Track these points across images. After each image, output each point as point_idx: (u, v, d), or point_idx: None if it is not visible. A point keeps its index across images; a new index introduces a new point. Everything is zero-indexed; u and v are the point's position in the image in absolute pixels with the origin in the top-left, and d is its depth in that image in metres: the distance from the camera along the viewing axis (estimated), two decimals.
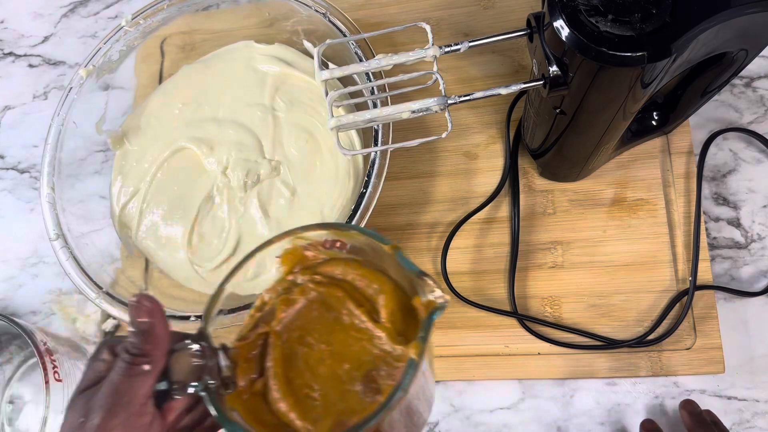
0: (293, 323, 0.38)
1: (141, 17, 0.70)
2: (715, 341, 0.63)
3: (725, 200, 0.68)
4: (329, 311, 0.38)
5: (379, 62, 0.55)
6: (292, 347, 0.38)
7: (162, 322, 0.36)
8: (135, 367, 0.34)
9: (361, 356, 0.36)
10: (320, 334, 0.38)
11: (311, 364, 0.37)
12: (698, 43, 0.44)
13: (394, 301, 0.37)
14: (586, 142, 0.58)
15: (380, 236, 0.37)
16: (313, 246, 0.40)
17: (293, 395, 0.36)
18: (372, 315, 0.37)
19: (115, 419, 0.33)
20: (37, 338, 0.65)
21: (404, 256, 0.36)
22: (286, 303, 0.39)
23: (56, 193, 0.66)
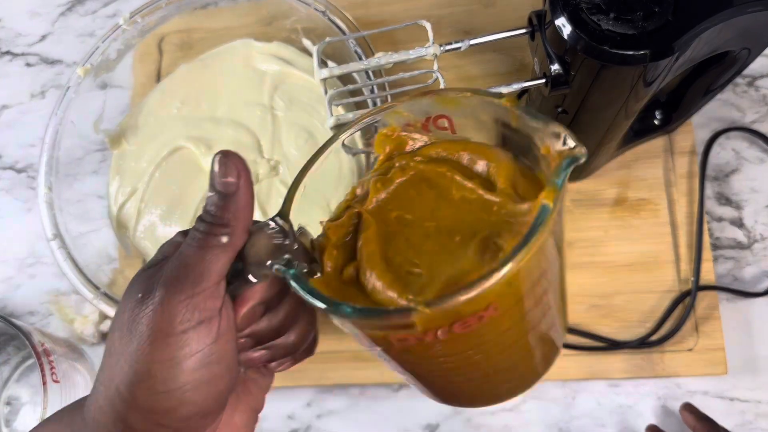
0: (390, 203, 0.33)
1: (139, 16, 0.70)
2: (717, 342, 0.63)
3: (728, 200, 0.68)
4: (433, 188, 0.32)
5: (379, 61, 0.55)
6: (390, 226, 0.32)
7: (248, 187, 0.29)
8: (211, 237, 0.28)
9: (475, 227, 0.30)
10: (423, 212, 0.32)
11: (413, 242, 0.31)
12: (700, 41, 0.43)
13: (513, 168, 0.31)
14: (588, 141, 0.57)
15: (494, 92, 0.31)
16: (412, 126, 0.34)
17: (391, 273, 0.30)
18: (485, 186, 0.31)
19: (180, 295, 0.27)
20: (34, 339, 0.65)
21: (528, 107, 0.30)
22: (381, 182, 0.33)
23: (54, 192, 0.66)
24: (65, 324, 0.74)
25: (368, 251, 0.31)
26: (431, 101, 0.33)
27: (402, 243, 0.31)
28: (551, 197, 0.26)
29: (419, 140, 0.35)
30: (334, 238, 0.32)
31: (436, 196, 0.32)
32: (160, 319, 0.27)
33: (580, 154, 0.28)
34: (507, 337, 0.30)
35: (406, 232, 0.31)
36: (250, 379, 0.34)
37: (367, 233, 0.32)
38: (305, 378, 0.68)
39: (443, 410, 0.67)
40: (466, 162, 0.33)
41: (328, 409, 0.68)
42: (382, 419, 0.67)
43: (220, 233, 0.28)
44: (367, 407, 0.68)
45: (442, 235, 0.31)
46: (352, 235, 0.33)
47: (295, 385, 0.68)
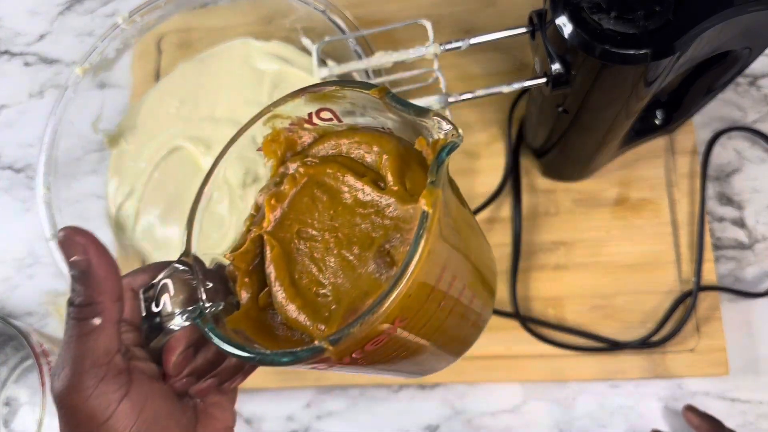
0: (288, 217, 0.32)
1: (137, 15, 0.69)
2: (719, 342, 0.62)
3: (729, 200, 0.67)
4: (326, 193, 0.31)
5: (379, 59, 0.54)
6: (291, 244, 0.31)
7: (101, 258, 0.28)
8: (83, 323, 0.28)
9: (371, 233, 0.30)
10: (321, 222, 0.31)
11: (317, 258, 0.30)
12: (702, 41, 0.43)
13: (401, 159, 0.30)
14: (589, 140, 0.57)
15: (364, 83, 0.30)
16: (297, 125, 0.33)
17: (300, 297, 0.30)
18: (378, 184, 0.31)
19: (84, 390, 0.28)
20: (33, 340, 0.64)
21: (396, 96, 0.29)
22: (275, 197, 0.32)
23: (52, 192, 0.66)
24: (64, 324, 0.74)
25: (275, 276, 0.31)
26: (306, 99, 0.32)
27: (307, 261, 0.31)
28: (429, 201, 0.25)
29: (307, 136, 0.34)
30: (242, 265, 0.32)
31: (331, 201, 0.31)
32: (81, 418, 0.28)
33: (454, 139, 0.27)
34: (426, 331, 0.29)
35: (309, 248, 0.31)
36: (210, 404, 0.34)
37: (270, 257, 0.31)
38: (304, 379, 0.68)
39: (443, 411, 0.66)
40: (355, 155, 0.32)
41: (328, 410, 0.68)
42: (381, 420, 0.67)
43: (90, 316, 0.28)
44: (366, 408, 0.68)
45: (343, 246, 0.30)
46: (260, 258, 0.32)
47: (295, 386, 0.68)
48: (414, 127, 0.30)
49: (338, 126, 0.33)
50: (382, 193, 0.30)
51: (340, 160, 0.32)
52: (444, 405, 0.66)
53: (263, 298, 0.31)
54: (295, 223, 0.32)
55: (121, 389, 0.29)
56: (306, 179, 0.32)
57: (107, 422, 0.28)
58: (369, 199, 0.30)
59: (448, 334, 0.32)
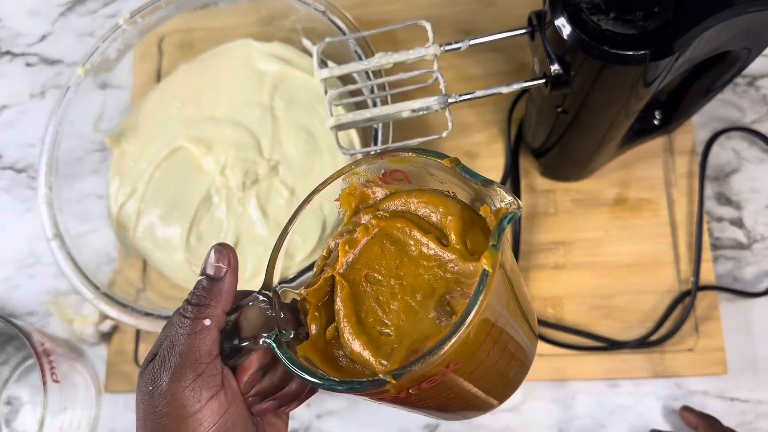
0: (358, 262, 0.36)
1: (139, 16, 0.69)
2: (717, 342, 0.63)
3: (728, 200, 0.68)
4: (394, 244, 0.36)
5: (379, 60, 0.55)
6: (361, 287, 0.36)
7: (233, 275, 0.34)
8: (196, 321, 0.32)
9: (433, 284, 0.34)
10: (388, 269, 0.36)
11: (382, 301, 0.35)
12: (701, 41, 0.43)
13: (463, 221, 0.35)
14: (588, 141, 0.57)
15: (436, 152, 0.34)
16: (372, 182, 0.38)
17: (365, 334, 0.34)
18: (441, 241, 0.35)
19: (185, 381, 0.31)
20: (34, 339, 0.65)
21: (466, 167, 0.33)
22: (349, 243, 0.37)
23: (53, 192, 0.66)
24: (65, 324, 0.74)
25: (344, 314, 0.35)
26: (384, 162, 0.36)
27: (372, 302, 0.35)
28: (489, 262, 0.29)
29: (379, 192, 0.38)
30: (314, 301, 0.36)
31: (398, 252, 0.36)
32: (174, 407, 0.31)
33: (515, 210, 0.31)
34: (475, 376, 0.33)
35: (375, 291, 0.35)
36: (267, 423, 0.37)
37: (340, 297, 0.35)
38: None
39: None
40: (422, 213, 0.36)
41: (328, 410, 0.68)
42: (381, 419, 0.67)
43: (203, 316, 0.33)
44: (366, 407, 0.68)
45: (406, 293, 0.34)
46: (330, 295, 0.36)
47: None
48: (477, 194, 0.34)
49: (407, 186, 0.38)
50: (445, 249, 0.34)
51: (408, 216, 0.36)
52: None
53: (330, 331, 0.35)
54: (364, 267, 0.36)
55: (214, 388, 0.32)
56: (377, 230, 0.36)
57: (195, 415, 0.31)
58: (432, 253, 0.35)
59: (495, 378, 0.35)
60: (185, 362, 0.32)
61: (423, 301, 0.34)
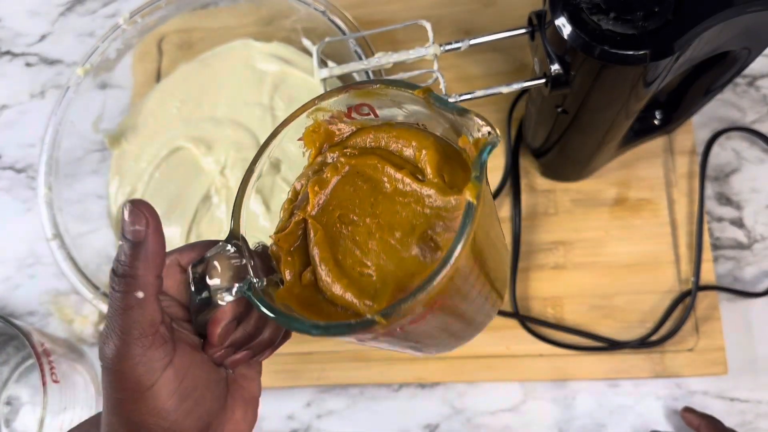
0: (330, 203, 0.35)
1: (138, 15, 0.69)
2: (718, 342, 0.63)
3: (728, 200, 0.68)
4: (367, 182, 0.34)
5: (379, 60, 0.55)
6: (335, 228, 0.34)
7: (157, 234, 0.30)
8: (128, 296, 0.29)
9: (412, 220, 0.33)
10: (362, 209, 0.34)
11: (359, 242, 0.33)
12: (701, 41, 0.43)
13: (438, 154, 0.33)
14: (588, 141, 0.57)
15: (407, 83, 0.32)
16: (336, 118, 0.36)
17: (346, 276, 0.32)
18: (416, 176, 0.33)
19: (131, 359, 0.30)
20: (34, 339, 0.65)
21: (439, 96, 0.31)
22: (318, 184, 0.35)
23: (53, 192, 0.66)
24: (65, 324, 0.74)
25: (320, 257, 0.33)
26: (350, 95, 0.34)
27: (349, 243, 0.34)
28: (474, 194, 0.28)
29: (346, 129, 0.37)
30: (286, 246, 0.35)
31: (372, 190, 0.34)
32: (128, 384, 0.30)
33: (493, 139, 0.29)
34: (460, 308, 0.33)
35: (351, 231, 0.34)
36: (239, 375, 0.36)
37: (315, 240, 0.34)
38: (305, 378, 0.68)
39: (442, 410, 0.66)
40: (393, 148, 0.35)
41: (328, 409, 0.68)
42: (381, 419, 0.67)
43: (134, 289, 0.30)
44: (366, 407, 0.68)
45: (384, 231, 0.33)
46: (302, 239, 0.35)
47: (295, 385, 0.68)
48: (453, 125, 0.32)
49: (374, 121, 0.36)
50: (422, 184, 0.33)
51: (379, 152, 0.35)
52: (444, 404, 0.67)
53: (306, 276, 0.34)
54: (337, 208, 0.34)
55: (166, 357, 0.31)
56: (348, 168, 0.35)
57: (152, 388, 0.30)
58: (408, 189, 0.33)
59: (477, 308, 0.35)
60: (128, 339, 0.30)
61: (403, 238, 0.32)
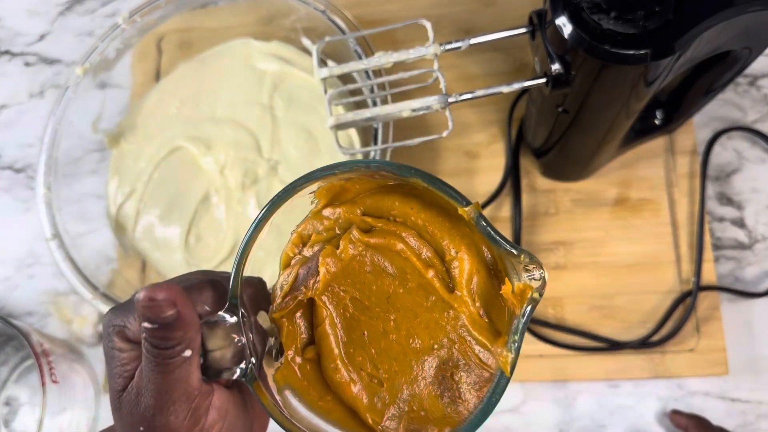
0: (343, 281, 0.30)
1: (138, 15, 0.69)
2: (718, 342, 0.62)
3: (729, 200, 0.67)
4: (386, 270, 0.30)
5: (379, 60, 0.54)
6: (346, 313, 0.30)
7: (187, 305, 0.28)
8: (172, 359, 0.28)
9: (433, 334, 0.29)
10: (378, 298, 0.30)
11: (372, 337, 0.29)
12: (702, 41, 0.43)
13: (473, 268, 0.28)
14: (589, 141, 0.57)
15: (455, 194, 0.28)
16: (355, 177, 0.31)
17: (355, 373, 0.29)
18: (444, 281, 0.29)
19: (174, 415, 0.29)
20: (33, 340, 0.64)
21: (489, 223, 0.27)
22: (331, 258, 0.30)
23: (52, 192, 0.65)
24: (64, 324, 0.74)
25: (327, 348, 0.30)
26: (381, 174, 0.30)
27: (360, 337, 0.30)
28: (508, 365, 0.25)
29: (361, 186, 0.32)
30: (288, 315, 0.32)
31: (393, 280, 0.30)
32: None
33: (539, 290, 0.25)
34: None
35: (363, 322, 0.30)
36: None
37: (323, 326, 0.30)
38: None
39: None
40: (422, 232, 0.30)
41: None
42: None
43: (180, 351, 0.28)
44: None
45: (401, 335, 0.29)
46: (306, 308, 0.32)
47: None
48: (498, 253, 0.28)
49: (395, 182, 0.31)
50: (451, 298, 0.29)
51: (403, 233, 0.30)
52: None
53: (309, 353, 0.31)
54: (350, 290, 0.30)
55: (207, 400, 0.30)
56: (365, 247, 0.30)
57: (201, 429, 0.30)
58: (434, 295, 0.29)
59: None
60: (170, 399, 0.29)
61: (421, 353, 0.29)
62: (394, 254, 0.30)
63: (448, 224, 0.30)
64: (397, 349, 0.29)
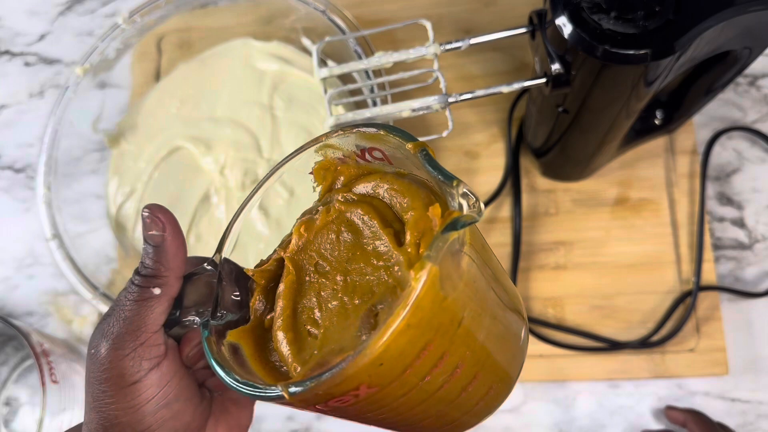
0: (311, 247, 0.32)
1: (138, 15, 0.69)
2: (718, 342, 0.62)
3: (729, 200, 0.67)
4: (352, 233, 0.31)
5: (379, 60, 0.54)
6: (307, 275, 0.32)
7: (175, 237, 0.31)
8: (144, 290, 0.30)
9: (374, 287, 0.29)
10: (338, 261, 0.31)
11: (322, 297, 0.31)
12: (702, 41, 0.43)
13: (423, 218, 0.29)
14: (589, 140, 0.57)
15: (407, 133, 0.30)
16: (348, 158, 0.33)
17: (294, 330, 0.30)
18: (399, 237, 0.29)
19: (124, 350, 0.30)
20: (33, 340, 0.64)
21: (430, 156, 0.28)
22: (305, 225, 0.33)
23: (52, 192, 0.65)
24: (64, 324, 0.74)
25: (281, 304, 0.32)
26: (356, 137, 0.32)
27: (312, 296, 0.31)
28: (418, 275, 0.24)
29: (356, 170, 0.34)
30: (262, 282, 0.33)
31: (353, 243, 0.31)
32: (112, 374, 0.30)
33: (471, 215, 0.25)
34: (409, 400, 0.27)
35: (319, 284, 0.32)
36: (227, 399, 0.36)
37: (284, 283, 0.32)
38: None
39: None
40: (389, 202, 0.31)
41: None
42: None
43: (153, 285, 0.30)
44: None
45: (347, 292, 0.30)
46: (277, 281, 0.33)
47: None
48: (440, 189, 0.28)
49: (388, 167, 0.33)
50: (398, 250, 0.29)
51: (375, 203, 0.32)
52: None
53: (268, 320, 0.32)
54: (316, 255, 0.32)
55: (154, 359, 0.31)
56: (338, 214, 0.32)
57: (134, 385, 0.30)
58: (385, 251, 0.30)
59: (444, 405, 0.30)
60: (127, 330, 0.30)
61: (359, 305, 0.29)
62: (360, 219, 0.31)
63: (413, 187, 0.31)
64: (341, 306, 0.30)
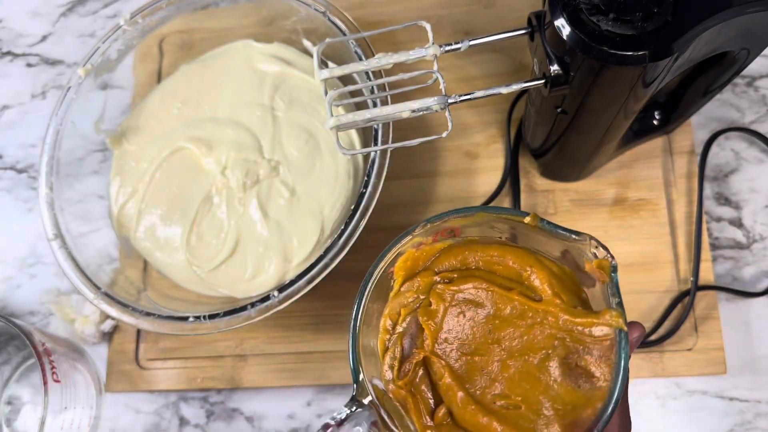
0: (445, 334, 0.33)
1: (139, 16, 0.70)
2: (716, 342, 0.63)
3: (727, 200, 0.68)
4: (478, 307, 0.33)
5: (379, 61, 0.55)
6: (459, 361, 0.32)
7: None
8: None
9: (542, 344, 0.31)
10: (483, 336, 0.32)
11: (491, 372, 0.32)
12: (700, 42, 0.43)
13: (545, 271, 0.32)
14: (588, 141, 0.58)
15: (516, 211, 0.32)
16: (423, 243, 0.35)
17: (490, 412, 0.31)
18: (529, 296, 0.32)
19: None
20: (35, 339, 0.65)
21: (551, 222, 0.31)
22: (428, 315, 0.33)
23: (54, 193, 0.66)
24: (66, 324, 0.74)
25: (456, 398, 0.31)
26: (449, 222, 0.33)
27: (482, 376, 0.32)
28: (622, 321, 0.28)
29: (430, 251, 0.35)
30: (408, 388, 0.33)
31: (486, 315, 0.32)
32: None
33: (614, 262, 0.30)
34: None
35: (478, 362, 0.32)
36: None
37: (444, 380, 0.32)
38: (305, 377, 0.68)
39: None
40: (493, 269, 0.33)
41: (329, 409, 0.68)
42: None
43: None
44: None
45: (516, 358, 0.31)
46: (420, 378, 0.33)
47: (295, 385, 0.68)
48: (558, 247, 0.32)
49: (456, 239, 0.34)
50: (541, 305, 0.31)
51: (478, 274, 0.33)
52: None
53: (438, 415, 0.32)
54: (454, 339, 0.33)
55: None
56: (451, 295, 0.33)
57: None
58: (525, 308, 0.32)
59: None
60: None
61: (540, 364, 0.31)
62: (478, 293, 0.33)
63: (510, 252, 0.33)
64: (519, 372, 0.31)
